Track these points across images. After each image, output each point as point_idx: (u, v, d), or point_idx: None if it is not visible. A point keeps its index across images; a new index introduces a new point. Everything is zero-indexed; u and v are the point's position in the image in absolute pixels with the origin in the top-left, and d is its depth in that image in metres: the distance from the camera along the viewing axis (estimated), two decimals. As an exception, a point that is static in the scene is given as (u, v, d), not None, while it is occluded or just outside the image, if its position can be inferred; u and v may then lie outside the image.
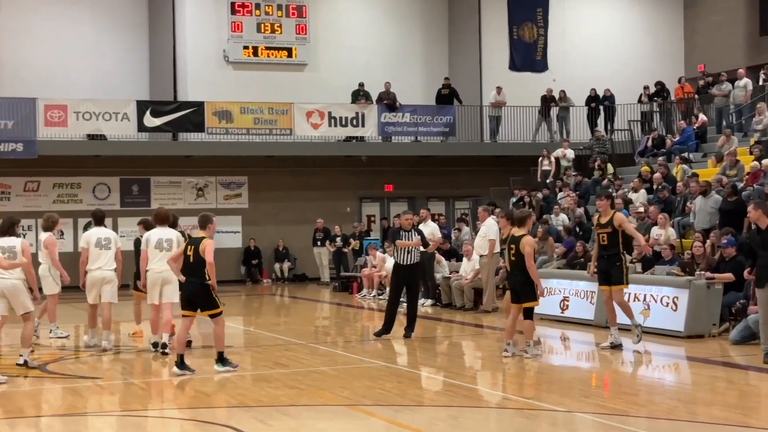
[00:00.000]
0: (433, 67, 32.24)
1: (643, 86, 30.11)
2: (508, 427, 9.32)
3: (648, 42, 33.30)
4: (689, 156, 24.66)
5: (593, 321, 16.40)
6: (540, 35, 32.13)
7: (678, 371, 12.95)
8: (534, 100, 30.38)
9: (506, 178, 28.99)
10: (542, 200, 25.64)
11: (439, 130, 30.44)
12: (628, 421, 9.21)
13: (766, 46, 30.69)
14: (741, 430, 8.61)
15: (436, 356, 14.24)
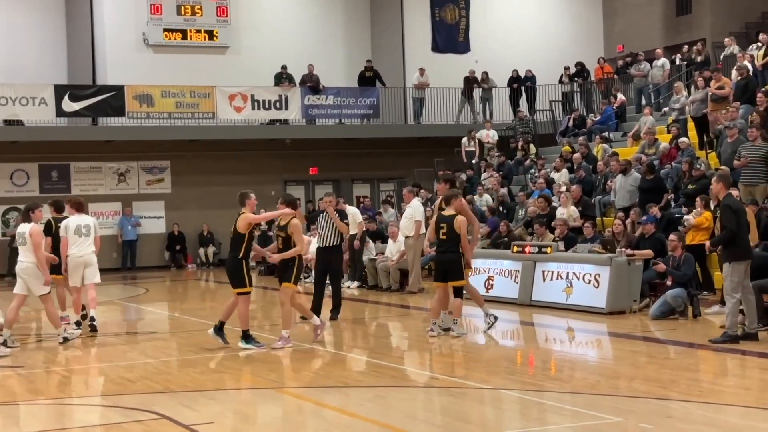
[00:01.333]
0: (355, 49, 32.18)
1: (564, 67, 30.45)
2: (434, 405, 9.39)
3: (568, 23, 33.65)
4: (609, 135, 25.03)
5: (518, 299, 16.58)
6: (462, 17, 32.26)
7: (600, 347, 13.17)
8: (457, 82, 30.52)
9: (430, 160, 29.10)
10: (466, 181, 25.81)
11: (362, 112, 30.44)
12: (553, 396, 9.35)
13: (683, 27, 31.25)
14: (661, 402, 8.79)
15: (362, 338, 14.28)
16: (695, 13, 30.93)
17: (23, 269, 12.93)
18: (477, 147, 27.76)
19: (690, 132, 21.63)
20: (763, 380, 9.68)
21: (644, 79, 26.85)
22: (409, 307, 17.54)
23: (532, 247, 16.88)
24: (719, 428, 7.82)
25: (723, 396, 9.04)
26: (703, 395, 9.06)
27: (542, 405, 9.04)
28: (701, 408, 8.46)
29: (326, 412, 9.05)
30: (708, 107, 20.58)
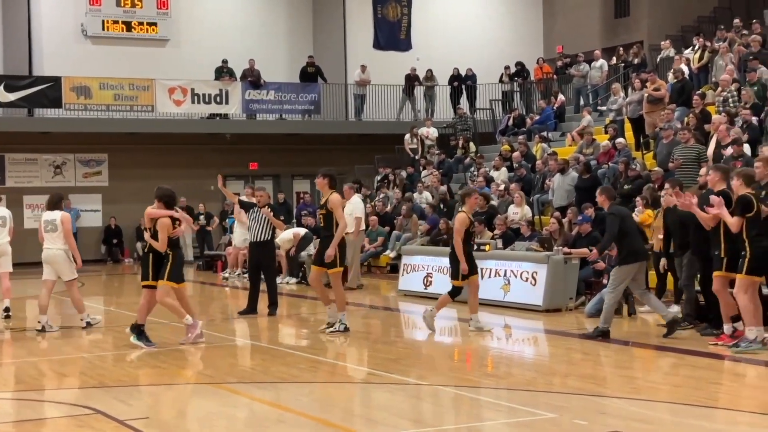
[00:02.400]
0: (297, 44, 32.09)
1: (504, 66, 30.69)
2: (371, 401, 9.41)
3: (508, 23, 33.89)
4: (548, 135, 25.28)
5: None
6: (404, 14, 32.34)
7: (536, 344, 13.30)
8: (398, 79, 30.59)
9: (371, 157, 29.14)
10: (406, 178, 25.90)
11: (303, 108, 30.38)
12: (489, 392, 9.42)
13: (621, 29, 31.66)
14: (595, 399, 8.91)
15: (300, 333, 14.25)
16: (633, 15, 31.36)
17: (52, 255, 13.51)
18: (419, 144, 27.86)
19: (627, 133, 21.93)
20: (693, 377, 9.85)
21: (583, 79, 27.18)
22: (348, 303, 17.50)
23: (471, 244, 16.94)
24: (651, 424, 7.94)
25: (655, 393, 9.18)
26: (636, 392, 9.20)
27: (479, 401, 9.11)
28: (634, 404, 8.59)
29: (261, 407, 9.02)
30: (644, 109, 20.88)
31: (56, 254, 13.56)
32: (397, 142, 28.58)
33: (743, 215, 10.66)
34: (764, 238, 10.66)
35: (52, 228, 13.55)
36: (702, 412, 8.33)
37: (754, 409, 8.43)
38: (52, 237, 13.48)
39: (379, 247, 22.38)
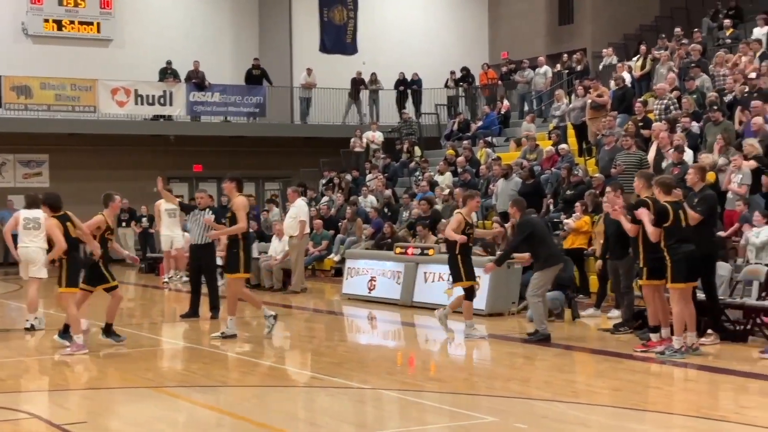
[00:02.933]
0: (242, 47, 31.93)
1: (450, 71, 30.83)
2: (314, 405, 9.39)
3: (454, 28, 34.06)
4: (492, 140, 25.44)
5: (399, 300, 16.69)
6: (350, 18, 32.31)
7: (479, 348, 13.32)
8: (344, 83, 30.59)
9: (316, 160, 29.11)
10: (351, 182, 25.90)
11: (249, 111, 30.23)
12: (432, 396, 9.44)
13: (565, 36, 31.97)
14: (536, 402, 8.98)
15: (243, 337, 14.14)
16: (577, 23, 31.69)
17: (31, 252, 13.67)
18: (363, 148, 27.89)
19: (570, 139, 22.12)
20: (632, 381, 9.97)
21: (527, 85, 27.38)
22: (292, 306, 17.48)
23: (415, 248, 17.02)
24: (590, 428, 8.02)
25: (595, 396, 9.28)
26: (576, 395, 9.29)
27: (421, 405, 9.12)
28: (573, 408, 8.67)
29: (201, 411, 8.95)
30: (587, 115, 21.10)
31: (35, 251, 13.63)
32: (342, 145, 28.57)
33: (660, 225, 10.80)
34: (683, 245, 10.79)
35: (35, 226, 13.71)
36: (639, 415, 8.44)
37: (688, 412, 8.56)
38: (32, 235, 13.55)
39: (323, 251, 22.35)
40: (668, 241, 10.79)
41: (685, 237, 10.87)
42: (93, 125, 28.14)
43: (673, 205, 10.93)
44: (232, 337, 12.92)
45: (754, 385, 9.65)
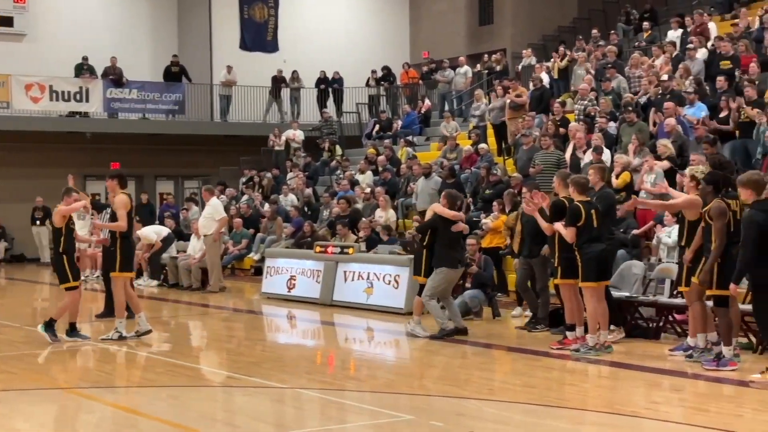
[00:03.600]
0: (161, 43, 31.51)
1: (371, 70, 30.87)
2: (231, 405, 9.30)
3: (375, 27, 34.08)
4: (413, 139, 25.53)
5: (319, 299, 16.65)
6: (271, 16, 32.15)
7: (398, 347, 13.37)
8: (265, 81, 30.40)
9: (236, 158, 28.87)
10: (272, 180, 25.76)
11: (167, 108, 29.85)
12: (352, 396, 9.45)
13: (485, 36, 32.23)
14: (454, 400, 9.02)
15: (160, 337, 13.96)
16: (497, 23, 31.97)
17: None
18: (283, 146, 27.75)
19: (489, 138, 22.32)
20: (547, 379, 10.10)
21: (448, 85, 27.54)
22: (209, 305, 17.32)
23: (335, 247, 17.00)
24: (506, 425, 8.09)
25: (511, 394, 9.36)
26: (492, 393, 9.37)
27: (339, 404, 9.11)
28: (490, 405, 8.74)
29: (114, 412, 8.81)
30: (506, 115, 21.30)
31: None
32: (262, 144, 28.39)
33: (574, 224, 10.96)
34: (593, 244, 10.96)
35: None
36: (554, 412, 8.53)
37: (601, 408, 8.69)
38: None
39: (243, 250, 22.19)
40: (579, 241, 10.94)
41: (597, 236, 11.04)
42: (6, 122, 27.49)
43: (586, 204, 11.08)
44: (120, 339, 12.55)
45: (666, 381, 9.83)
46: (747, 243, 9.35)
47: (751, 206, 9.51)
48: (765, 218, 9.34)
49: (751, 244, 9.31)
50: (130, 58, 29.88)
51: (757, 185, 9.55)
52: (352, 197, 20.73)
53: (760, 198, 9.52)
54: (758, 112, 15.47)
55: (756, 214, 9.37)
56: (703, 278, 9.93)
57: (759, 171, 10.59)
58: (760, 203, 9.48)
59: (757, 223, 9.31)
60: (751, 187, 9.53)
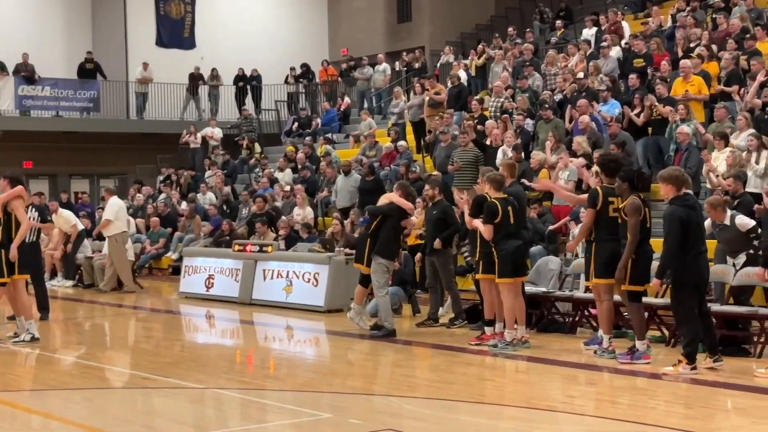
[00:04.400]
0: (75, 39, 30.93)
1: (290, 67, 30.73)
2: (147, 406, 9.19)
3: (294, 24, 33.93)
4: (333, 136, 25.50)
5: (238, 298, 16.52)
6: (187, 12, 31.81)
7: (318, 345, 13.36)
8: (182, 78, 30.06)
9: (154, 156, 28.51)
10: (190, 178, 25.49)
11: (82, 105, 29.35)
12: (273, 395, 9.39)
13: (404, 34, 32.33)
14: (372, 398, 9.06)
15: (74, 338, 13.73)
16: (415, 21, 32.10)
17: None
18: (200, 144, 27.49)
19: (408, 136, 22.41)
20: (466, 374, 10.16)
21: (367, 82, 27.56)
22: (125, 306, 17.06)
23: (253, 245, 16.89)
24: (425, 421, 8.11)
25: (430, 390, 9.41)
26: (411, 390, 9.40)
27: (259, 403, 9.04)
28: (409, 402, 8.76)
29: (27, 416, 8.62)
30: (425, 113, 21.39)
31: None
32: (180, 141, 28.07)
33: (491, 222, 11.07)
34: (510, 241, 11.09)
35: None
36: (473, 407, 8.59)
37: (518, 402, 8.80)
38: None
39: (160, 249, 21.91)
40: (496, 237, 11.04)
41: (513, 233, 11.16)
42: None
43: (502, 201, 11.19)
44: (33, 341, 12.16)
45: (581, 375, 9.98)
46: (670, 238, 9.54)
47: (671, 202, 9.72)
48: (686, 213, 9.55)
49: (674, 239, 9.50)
50: (43, 54, 29.27)
51: (678, 181, 9.75)
52: (270, 195, 20.62)
53: (679, 194, 9.72)
54: (670, 110, 15.78)
55: (677, 210, 9.57)
56: (618, 275, 10.08)
57: (679, 167, 10.82)
58: (680, 198, 9.69)
59: (679, 218, 9.51)
60: (672, 183, 9.72)
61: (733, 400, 8.74)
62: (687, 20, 19.64)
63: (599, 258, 10.32)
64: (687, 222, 9.52)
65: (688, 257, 9.49)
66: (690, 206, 9.69)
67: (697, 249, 9.59)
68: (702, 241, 9.79)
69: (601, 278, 10.34)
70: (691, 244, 9.51)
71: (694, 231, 9.58)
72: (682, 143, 14.90)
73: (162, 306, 17.40)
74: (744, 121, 14.48)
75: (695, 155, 14.59)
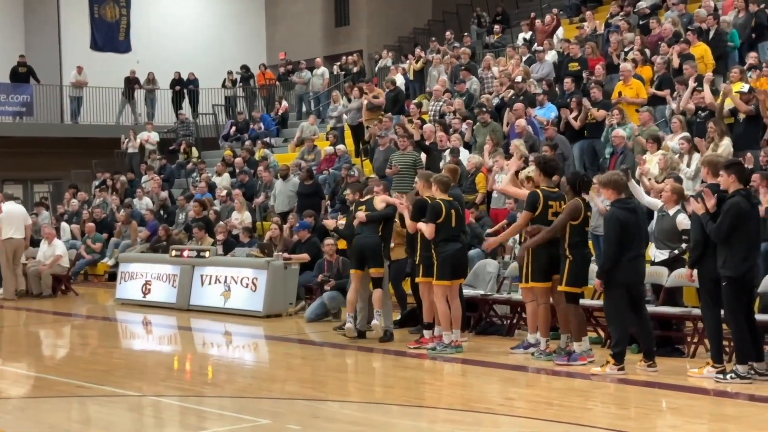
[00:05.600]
0: (7, 43, 30.45)
1: (227, 71, 30.56)
2: (83, 415, 9.06)
3: (231, 28, 33.76)
4: (271, 140, 25.39)
5: (176, 304, 16.36)
6: (123, 15, 31.48)
7: (257, 350, 13.29)
8: (117, 82, 29.73)
9: (89, 161, 28.15)
10: (127, 183, 25.21)
11: (14, 110, 28.92)
12: (211, 401, 9.31)
13: (342, 38, 32.34)
14: (311, 403, 9.02)
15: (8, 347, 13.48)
16: (353, 25, 32.13)
17: None
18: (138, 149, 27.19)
19: (347, 140, 22.39)
20: (404, 378, 10.19)
21: (305, 86, 27.50)
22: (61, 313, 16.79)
23: (191, 251, 16.74)
24: (363, 426, 8.11)
25: (369, 394, 9.41)
26: (350, 394, 9.40)
27: (197, 411, 8.98)
28: (347, 407, 8.77)
29: (-39, 428, 8.45)
30: (363, 116, 21.40)
31: None
32: (116, 146, 27.74)
33: (434, 221, 11.11)
34: (450, 243, 11.14)
35: None
36: (411, 411, 8.61)
37: (456, 405, 8.83)
38: None
39: (96, 255, 21.62)
40: (436, 238, 11.09)
41: (454, 236, 11.21)
42: None
43: (447, 203, 11.24)
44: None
45: (519, 378, 10.04)
46: (610, 239, 9.72)
47: (612, 205, 9.89)
48: (625, 216, 9.71)
49: (614, 241, 9.65)
50: (-26, 57, 28.80)
51: (618, 185, 9.95)
52: (208, 200, 20.45)
53: (620, 197, 9.89)
54: (608, 114, 15.96)
55: (617, 212, 9.75)
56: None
57: (618, 172, 10.96)
58: (621, 201, 9.88)
59: (618, 219, 9.67)
60: (612, 187, 9.91)
61: (668, 400, 8.87)
62: (621, 25, 19.90)
63: (537, 262, 10.42)
64: (625, 224, 9.67)
65: (624, 259, 9.64)
66: (630, 210, 9.87)
67: (635, 252, 9.75)
68: (640, 244, 9.94)
69: (539, 282, 10.45)
70: (629, 247, 9.67)
71: (632, 234, 9.72)
72: (617, 146, 15.09)
73: (98, 313, 17.18)
74: (678, 124, 14.70)
75: (630, 158, 14.77)
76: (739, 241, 8.97)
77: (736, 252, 8.97)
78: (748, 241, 9.02)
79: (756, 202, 9.38)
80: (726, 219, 8.96)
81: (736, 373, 9.09)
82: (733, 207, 8.97)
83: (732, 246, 8.98)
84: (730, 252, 8.98)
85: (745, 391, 8.79)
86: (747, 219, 9.01)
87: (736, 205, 8.97)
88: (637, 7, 21.29)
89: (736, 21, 18.26)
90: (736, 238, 8.97)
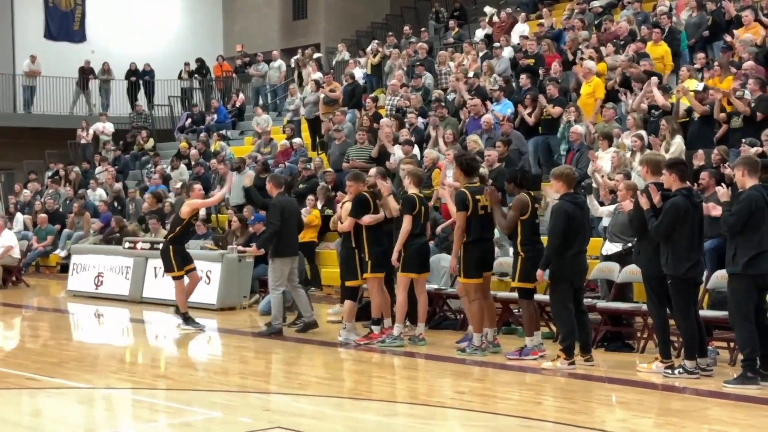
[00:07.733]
0: (-41, 30, 30.04)
1: (184, 63, 30.35)
2: (33, 408, 8.99)
3: (188, 19, 33.54)
4: (227, 133, 25.27)
5: (128, 296, 16.25)
6: (78, 4, 31.16)
7: (210, 343, 13.23)
8: (72, 71, 29.42)
9: (42, 151, 27.85)
10: (80, 174, 24.97)
11: (-34, 99, 28.51)
12: (163, 394, 9.29)
13: (300, 31, 32.25)
14: (263, 396, 9.06)
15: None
16: (311, 18, 32.06)
17: None
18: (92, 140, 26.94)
19: (304, 133, 22.34)
20: (357, 372, 10.23)
21: (262, 79, 27.39)
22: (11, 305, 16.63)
23: (144, 243, 16.63)
24: (314, 419, 8.11)
25: (320, 388, 9.42)
26: (302, 388, 9.40)
27: (149, 403, 8.94)
28: (299, 400, 8.77)
29: None
30: (320, 110, 21.37)
31: None
32: (69, 136, 27.48)
33: (410, 213, 11.15)
34: (416, 238, 11.17)
35: None
36: (363, 404, 8.64)
37: (408, 399, 8.90)
38: None
39: (48, 246, 21.41)
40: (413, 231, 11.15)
41: (421, 231, 11.27)
42: None
43: (419, 198, 11.30)
44: None
45: (471, 372, 10.09)
46: (555, 231, 9.77)
47: (560, 198, 9.97)
48: (573, 209, 9.80)
49: (559, 233, 9.73)
50: (-76, 47, 28.37)
51: (569, 178, 10.05)
52: (162, 192, 20.32)
53: (569, 191, 9.98)
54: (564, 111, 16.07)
55: (565, 204, 9.83)
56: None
57: (570, 166, 11.09)
58: (570, 195, 9.97)
59: (565, 212, 9.76)
60: (563, 180, 9.99)
61: (617, 394, 8.97)
62: (575, 23, 20.05)
63: (470, 258, 10.47)
64: (572, 218, 9.77)
65: (568, 253, 9.74)
66: (578, 204, 9.97)
67: (578, 247, 9.86)
68: (584, 240, 10.04)
69: (471, 278, 10.50)
70: (573, 241, 9.76)
71: (577, 228, 9.82)
72: (574, 143, 15.21)
73: (49, 304, 17.02)
74: (633, 122, 14.84)
75: (586, 155, 14.91)
76: (679, 241, 9.07)
77: (676, 251, 9.08)
78: (688, 241, 9.11)
79: (698, 200, 9.46)
80: (665, 218, 9.07)
81: (684, 368, 9.22)
82: (672, 207, 9.07)
83: (673, 245, 9.09)
84: (672, 251, 9.09)
85: (692, 386, 8.91)
86: (687, 218, 9.10)
87: (675, 204, 9.08)
88: (591, 5, 21.45)
89: (689, 20, 18.46)
90: (676, 237, 9.08)
